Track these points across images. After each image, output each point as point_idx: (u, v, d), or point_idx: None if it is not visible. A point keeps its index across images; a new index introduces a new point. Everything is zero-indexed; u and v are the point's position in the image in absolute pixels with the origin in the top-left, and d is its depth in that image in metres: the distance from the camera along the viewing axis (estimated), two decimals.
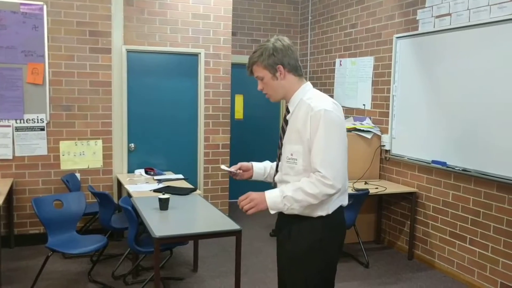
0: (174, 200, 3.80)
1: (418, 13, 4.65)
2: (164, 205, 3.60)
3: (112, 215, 4.16)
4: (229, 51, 5.70)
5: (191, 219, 3.68)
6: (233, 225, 3.29)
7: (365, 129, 5.14)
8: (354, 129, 5.12)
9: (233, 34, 6.26)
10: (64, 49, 4.92)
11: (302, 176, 2.12)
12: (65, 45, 4.92)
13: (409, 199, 4.77)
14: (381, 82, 5.24)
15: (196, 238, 3.76)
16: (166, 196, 3.63)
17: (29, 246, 4.85)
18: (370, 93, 5.42)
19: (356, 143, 5.09)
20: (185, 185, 4.66)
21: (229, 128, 5.81)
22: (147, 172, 5.16)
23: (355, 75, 5.70)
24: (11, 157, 4.79)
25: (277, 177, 2.30)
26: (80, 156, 5.07)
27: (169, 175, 5.14)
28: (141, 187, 4.51)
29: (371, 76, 5.39)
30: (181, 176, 5.10)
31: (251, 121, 6.98)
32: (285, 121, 2.24)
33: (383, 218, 5.29)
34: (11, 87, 4.73)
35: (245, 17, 6.83)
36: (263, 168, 2.46)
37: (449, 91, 4.26)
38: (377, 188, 4.73)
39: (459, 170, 4.15)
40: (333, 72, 6.22)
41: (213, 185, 5.76)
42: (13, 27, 4.69)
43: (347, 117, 5.74)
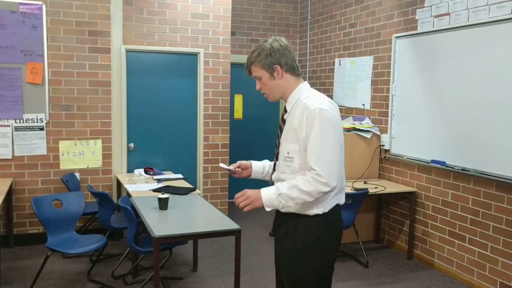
0: (173, 199, 3.80)
1: (417, 12, 4.65)
2: (163, 204, 3.60)
3: (111, 215, 4.16)
4: (229, 51, 5.70)
5: (191, 219, 3.68)
6: (232, 225, 3.29)
7: (364, 129, 5.14)
8: (353, 129, 5.13)
9: (233, 33, 6.26)
10: (63, 48, 4.92)
11: (298, 174, 2.14)
12: (64, 45, 4.92)
13: (409, 198, 4.78)
14: (380, 81, 5.24)
15: (195, 237, 3.76)
16: (165, 195, 3.63)
17: (29, 245, 4.86)
18: (369, 92, 5.42)
19: (355, 142, 5.10)
20: (185, 184, 4.66)
21: (229, 127, 5.81)
22: (146, 171, 5.16)
23: (354, 75, 5.70)
24: (10, 157, 4.79)
25: (274, 176, 2.32)
26: (79, 156, 5.07)
27: (169, 175, 5.14)
28: (140, 186, 4.51)
29: (370, 75, 5.39)
30: (180, 175, 5.10)
31: (251, 120, 6.98)
32: (283, 120, 2.26)
33: (383, 217, 5.29)
34: (10, 87, 4.73)
35: (245, 16, 6.84)
36: (262, 166, 2.48)
37: (448, 91, 4.27)
38: (376, 187, 4.74)
39: (458, 169, 4.15)
40: (332, 71, 6.22)
41: (212, 184, 5.76)
42: (12, 27, 4.69)
43: (347, 116, 5.74)
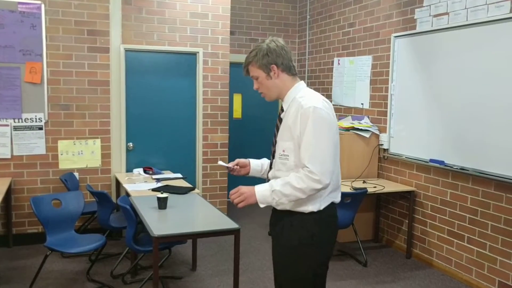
0: (172, 199, 3.81)
1: (416, 12, 4.66)
2: (162, 204, 3.60)
3: (110, 214, 4.16)
4: (228, 50, 5.70)
5: (190, 218, 3.68)
6: (231, 224, 3.29)
7: (363, 128, 5.14)
8: (352, 128, 5.13)
9: (231, 33, 6.27)
10: (62, 48, 4.92)
11: (293, 171, 2.17)
12: (63, 44, 4.92)
13: (407, 198, 4.79)
14: (379, 81, 5.24)
15: (194, 237, 3.76)
16: (164, 195, 3.63)
17: (28, 245, 4.85)
18: (368, 92, 5.43)
19: (354, 142, 5.10)
20: (184, 184, 4.66)
21: (228, 127, 5.81)
22: (145, 171, 5.16)
23: (353, 74, 5.71)
24: (9, 156, 4.79)
25: (270, 173, 2.35)
26: (78, 155, 5.07)
27: (168, 174, 5.14)
28: (139, 186, 4.51)
29: (369, 75, 5.39)
30: (179, 175, 5.10)
31: (250, 120, 6.98)
32: (279, 119, 2.30)
33: (381, 217, 5.30)
34: (9, 86, 4.72)
35: (243, 16, 6.84)
36: (260, 165, 2.52)
37: (447, 90, 4.27)
38: (375, 187, 4.74)
39: (457, 169, 4.16)
40: (331, 71, 6.22)
41: (211, 184, 5.76)
42: (11, 26, 4.68)
43: (345, 116, 5.75)
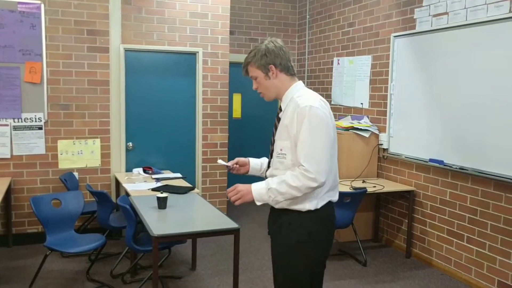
0: (172, 198, 3.81)
1: (415, 12, 4.66)
2: (162, 204, 3.60)
3: (110, 214, 4.16)
4: (227, 50, 5.70)
5: (189, 218, 3.68)
6: (231, 224, 3.30)
7: (362, 128, 5.15)
8: (351, 128, 5.13)
9: (231, 33, 6.26)
10: (61, 48, 4.92)
11: (291, 170, 2.19)
12: (62, 44, 4.92)
13: (407, 197, 4.79)
14: (379, 81, 5.25)
15: (194, 236, 3.76)
16: (164, 195, 3.64)
17: (27, 245, 4.86)
18: (367, 91, 5.43)
19: (353, 141, 5.11)
20: (183, 184, 4.66)
21: (227, 127, 5.81)
22: (145, 171, 5.16)
23: (352, 74, 5.71)
24: (9, 156, 4.79)
25: (268, 172, 2.37)
26: (78, 155, 5.07)
27: (167, 174, 5.14)
28: (139, 186, 4.51)
29: (369, 75, 5.40)
30: (179, 175, 5.10)
31: (249, 120, 6.98)
32: (278, 119, 2.33)
33: (381, 216, 5.30)
34: (8, 86, 4.72)
35: (243, 16, 6.84)
36: (259, 163, 2.55)
37: (446, 90, 4.28)
38: (375, 186, 4.75)
39: (456, 168, 4.17)
40: (330, 71, 6.22)
41: (211, 183, 5.76)
42: (11, 26, 4.69)
43: (345, 115, 5.75)
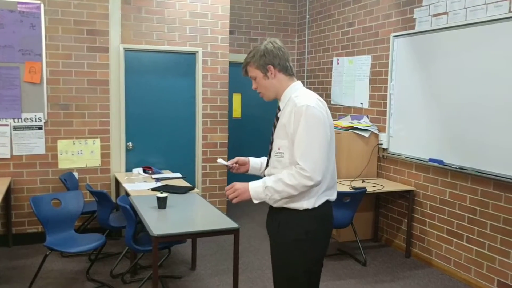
0: (172, 198, 3.81)
1: (415, 11, 4.66)
2: (162, 203, 3.61)
3: (110, 214, 4.17)
4: (227, 50, 5.70)
5: (189, 218, 3.69)
6: (231, 224, 3.30)
7: (362, 128, 5.15)
8: (351, 128, 5.13)
9: (231, 32, 6.26)
10: (61, 48, 4.92)
11: (288, 169, 2.20)
12: (62, 44, 4.92)
13: (407, 197, 4.80)
14: (378, 80, 5.25)
15: (194, 236, 3.77)
16: (164, 194, 3.64)
17: (27, 245, 4.86)
18: (367, 91, 5.43)
19: (353, 141, 5.11)
20: (183, 183, 4.67)
21: (227, 127, 5.81)
22: (145, 171, 5.16)
23: (352, 74, 5.71)
24: (9, 156, 4.79)
25: (267, 171, 2.39)
26: (78, 155, 5.07)
27: (167, 174, 5.14)
28: (139, 185, 4.51)
29: (368, 74, 5.40)
30: (179, 174, 5.10)
31: (249, 119, 6.99)
32: (276, 118, 2.35)
33: (381, 216, 5.30)
34: (8, 86, 4.72)
35: (243, 15, 6.84)
36: (259, 163, 2.56)
37: (446, 90, 4.28)
38: (374, 186, 4.75)
39: (456, 168, 4.17)
40: (330, 70, 6.23)
41: (211, 183, 5.77)
42: (10, 26, 4.68)
43: (345, 115, 5.76)
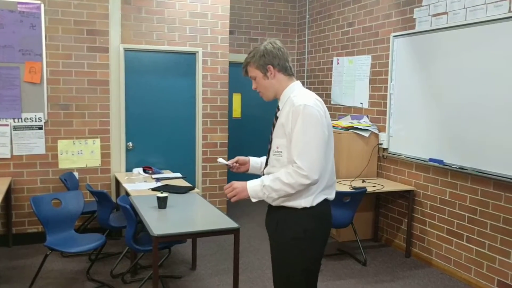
0: (172, 198, 3.81)
1: (414, 11, 4.66)
2: (162, 203, 3.61)
3: (110, 214, 4.17)
4: (227, 50, 5.71)
5: (189, 218, 3.69)
6: (231, 223, 3.30)
7: (362, 128, 5.15)
8: (351, 128, 5.14)
9: (231, 32, 6.27)
10: (61, 48, 4.92)
11: (286, 168, 2.22)
12: (62, 44, 4.92)
13: (407, 197, 4.80)
14: (378, 80, 5.25)
15: (194, 236, 3.76)
16: (164, 194, 3.64)
17: (28, 245, 4.86)
18: (367, 91, 5.43)
19: (353, 141, 5.11)
20: (183, 183, 4.67)
21: (227, 126, 5.81)
22: (145, 170, 5.16)
23: (352, 74, 5.72)
24: (9, 156, 4.79)
25: (265, 170, 2.41)
26: (78, 155, 5.07)
27: (167, 174, 5.14)
28: (139, 185, 4.52)
29: (368, 74, 5.40)
30: (179, 174, 5.11)
31: (249, 119, 6.99)
32: (275, 117, 2.37)
33: (381, 216, 5.31)
34: (8, 86, 4.73)
35: (243, 15, 6.84)
36: (259, 162, 2.58)
37: (446, 90, 4.28)
38: (374, 186, 4.75)
39: (456, 168, 4.17)
40: (330, 70, 6.23)
41: (211, 183, 5.77)
42: (11, 26, 4.69)
43: (345, 115, 5.76)
